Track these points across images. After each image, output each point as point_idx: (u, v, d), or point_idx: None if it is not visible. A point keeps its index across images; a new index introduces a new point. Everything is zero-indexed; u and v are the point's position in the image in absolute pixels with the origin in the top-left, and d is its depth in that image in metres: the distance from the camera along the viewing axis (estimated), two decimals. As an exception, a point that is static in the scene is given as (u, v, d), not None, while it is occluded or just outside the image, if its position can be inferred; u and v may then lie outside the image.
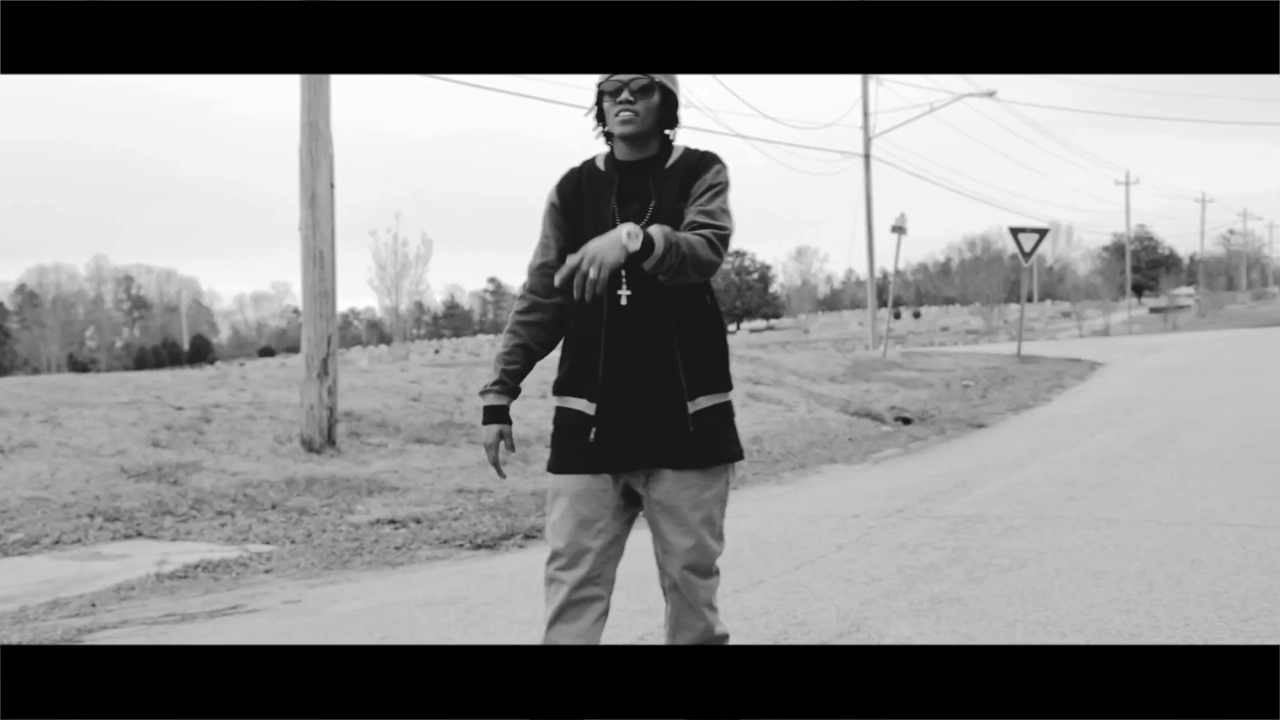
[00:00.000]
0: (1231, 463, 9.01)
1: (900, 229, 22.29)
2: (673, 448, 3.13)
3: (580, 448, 3.17)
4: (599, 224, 3.18)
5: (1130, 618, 4.69)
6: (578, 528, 3.16)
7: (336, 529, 7.90)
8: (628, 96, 3.17)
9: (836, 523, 7.31)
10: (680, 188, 3.21)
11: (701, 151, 3.31)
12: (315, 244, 10.61)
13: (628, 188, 3.23)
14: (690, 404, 3.15)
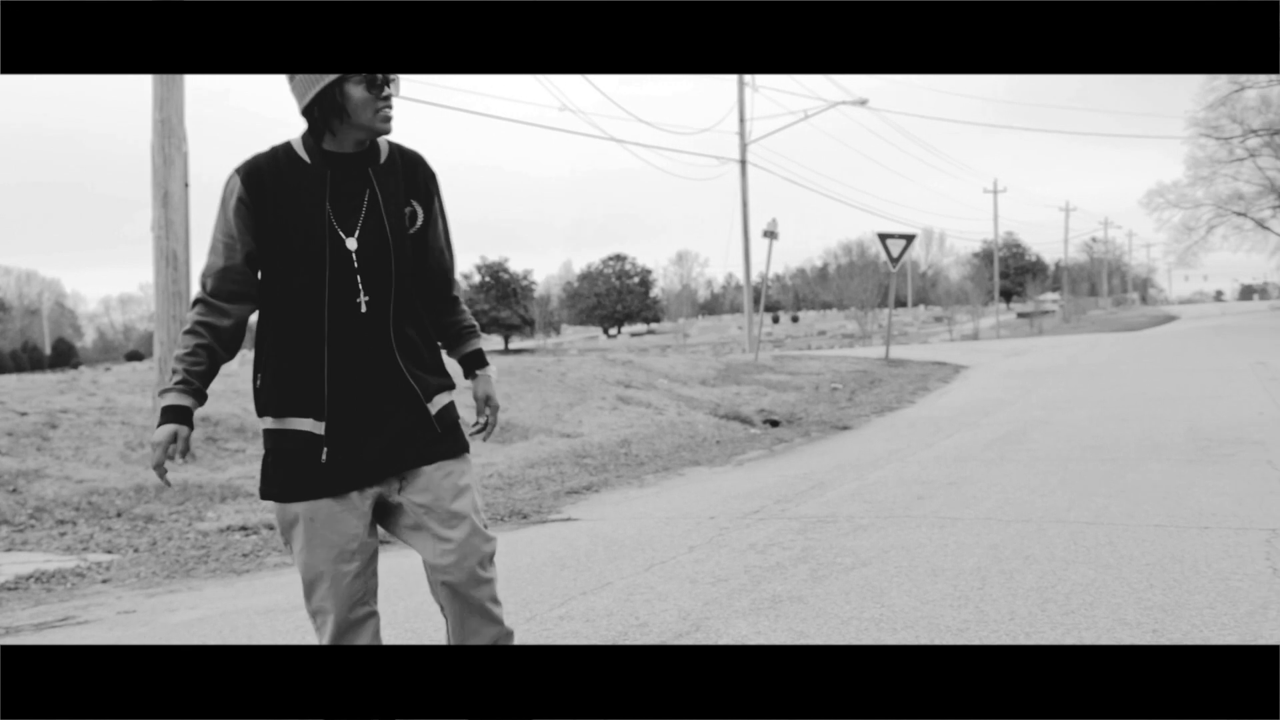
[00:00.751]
0: (1075, 461, 9.32)
1: (771, 234, 22.58)
2: (423, 446, 3.06)
3: (311, 471, 2.99)
4: (306, 225, 2.98)
5: (960, 613, 4.81)
6: (333, 557, 3.01)
7: (184, 536, 7.69)
8: (391, 92, 3.01)
9: (691, 524, 7.36)
10: (405, 190, 3.11)
11: (414, 152, 3.20)
12: (168, 244, 10.32)
13: (343, 186, 3.02)
14: (430, 405, 3.10)
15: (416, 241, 3.13)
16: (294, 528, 3.05)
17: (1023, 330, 66.38)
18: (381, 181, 3.07)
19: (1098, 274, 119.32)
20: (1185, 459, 9.21)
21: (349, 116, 2.98)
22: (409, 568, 5.55)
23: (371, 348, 3.03)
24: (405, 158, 3.16)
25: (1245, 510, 6.76)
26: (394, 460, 3.04)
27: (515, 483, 10.16)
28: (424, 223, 3.15)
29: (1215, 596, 4.87)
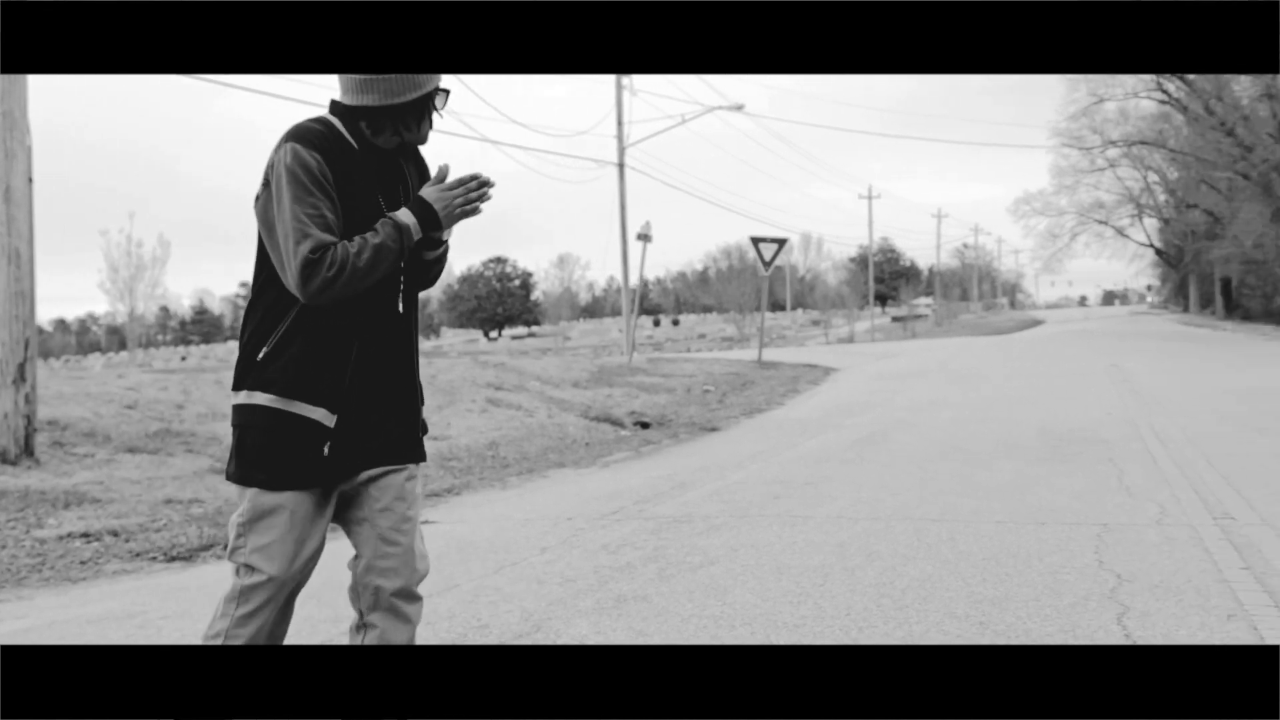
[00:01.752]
0: (932, 461, 9.54)
1: (645, 237, 22.68)
2: (406, 446, 3.01)
3: (309, 461, 2.86)
4: (364, 210, 2.86)
5: (799, 609, 4.87)
6: (297, 549, 2.90)
7: (19, 544, 7.38)
8: (438, 107, 2.95)
9: (548, 525, 7.33)
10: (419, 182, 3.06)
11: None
12: (10, 241, 9.91)
13: (387, 178, 2.96)
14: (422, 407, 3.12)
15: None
16: (271, 517, 2.87)
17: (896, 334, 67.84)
18: (412, 179, 3.04)
19: (969, 279, 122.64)
20: (1036, 458, 9.50)
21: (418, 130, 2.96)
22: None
23: (397, 348, 2.98)
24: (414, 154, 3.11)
25: (1082, 506, 7.00)
26: (381, 454, 2.95)
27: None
28: None
29: (1042, 589, 5.02)
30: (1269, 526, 6.20)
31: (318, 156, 2.80)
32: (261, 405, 2.87)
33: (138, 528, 7.90)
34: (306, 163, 2.79)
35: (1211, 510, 6.73)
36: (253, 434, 2.89)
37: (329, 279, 2.76)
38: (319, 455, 2.85)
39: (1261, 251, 44.33)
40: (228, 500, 9.01)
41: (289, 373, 2.85)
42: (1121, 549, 5.76)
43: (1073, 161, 56.36)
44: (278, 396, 2.85)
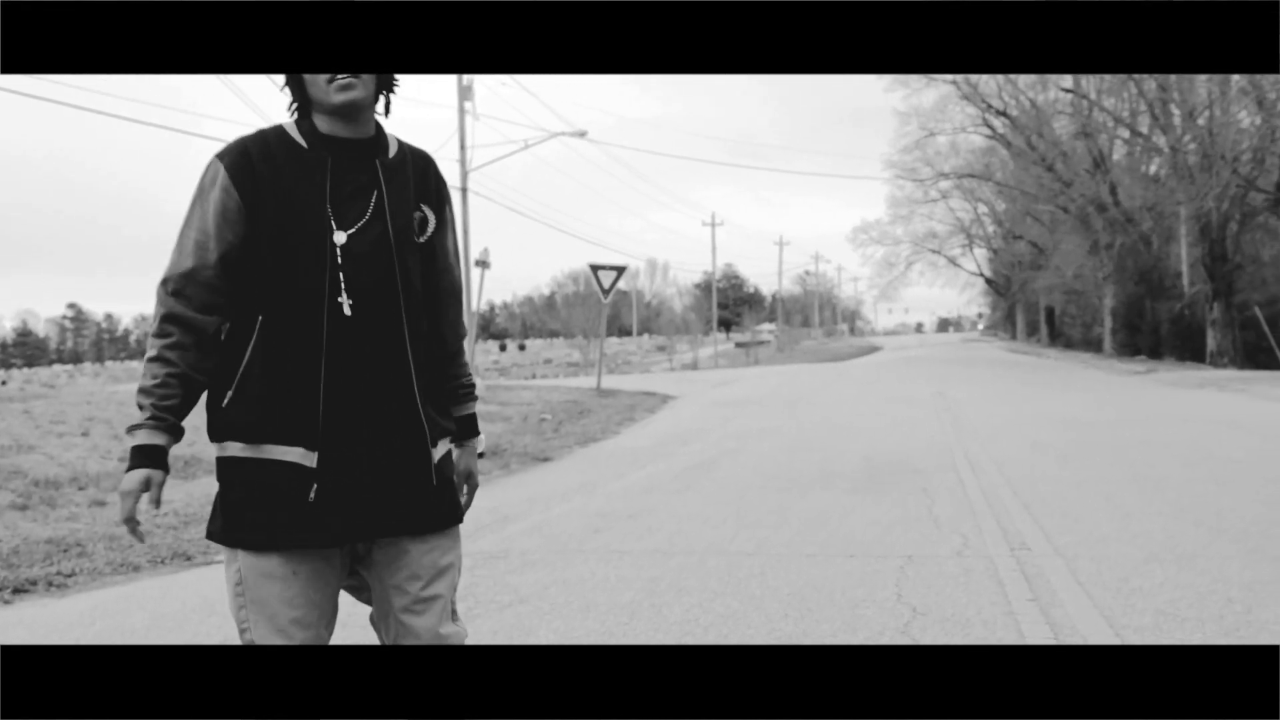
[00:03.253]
0: (754, 490, 9.68)
1: (483, 263, 22.55)
2: (417, 508, 2.61)
3: (296, 513, 2.49)
4: (301, 216, 2.53)
5: (601, 650, 4.87)
6: (306, 615, 2.56)
7: None
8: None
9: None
10: (416, 191, 2.70)
11: (421, 150, 2.79)
12: None
13: (346, 176, 2.58)
14: (434, 450, 2.65)
15: (425, 252, 2.71)
16: (265, 584, 2.53)
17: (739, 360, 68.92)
18: (389, 176, 2.64)
19: (810, 305, 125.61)
20: (853, 487, 9.73)
21: (317, 92, 2.58)
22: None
23: (376, 363, 2.55)
24: (416, 156, 2.74)
25: (891, 538, 7.19)
26: (385, 518, 2.57)
27: (191, 521, 9.65)
28: (435, 230, 2.74)
29: (840, 625, 5.13)
30: (1060, 556, 6.47)
31: (227, 178, 2.53)
32: (229, 456, 2.55)
33: (-79, 571, 7.46)
34: (212, 179, 2.55)
35: (1010, 540, 6.99)
36: (233, 489, 2.56)
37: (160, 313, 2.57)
38: (304, 502, 2.49)
39: (1081, 282, 46.57)
40: (26, 539, 8.57)
41: (251, 412, 2.51)
42: (921, 582, 5.93)
43: (907, 192, 58.40)
44: (244, 443, 2.52)
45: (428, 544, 2.63)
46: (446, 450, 2.73)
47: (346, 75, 2.54)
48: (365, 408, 2.53)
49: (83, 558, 7.81)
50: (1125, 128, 40.24)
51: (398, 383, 2.58)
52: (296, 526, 2.49)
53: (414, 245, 2.67)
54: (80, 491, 10.86)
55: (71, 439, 12.95)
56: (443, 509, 2.67)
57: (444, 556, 2.66)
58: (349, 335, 2.52)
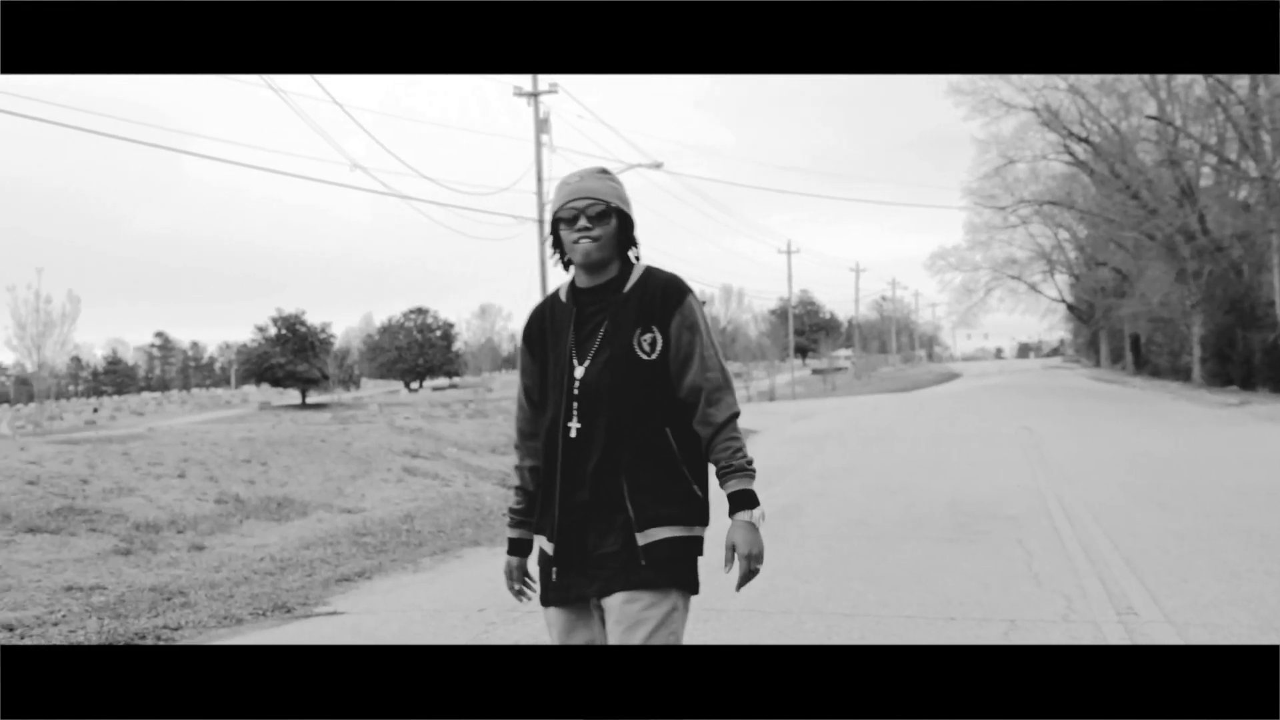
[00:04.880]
0: (841, 539, 9.60)
1: (565, 299, 22.71)
2: (621, 573, 3.12)
3: (546, 583, 3.28)
4: (559, 363, 3.23)
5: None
6: None
7: (-93, 643, 7.11)
8: (585, 224, 3.16)
9: (459, 619, 7.24)
10: (638, 314, 3.18)
11: (666, 277, 3.25)
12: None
13: (586, 317, 3.23)
14: (640, 535, 3.13)
15: (658, 367, 3.19)
16: (550, 630, 3.34)
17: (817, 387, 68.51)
18: (617, 310, 3.20)
19: (887, 331, 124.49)
20: (943, 536, 9.61)
21: (567, 253, 3.25)
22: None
23: (592, 473, 3.16)
24: (651, 283, 3.23)
25: (990, 598, 7.08)
26: (597, 587, 3.16)
27: (287, 566, 9.81)
28: (663, 347, 3.19)
29: (947, 700, 5.05)
30: (1170, 623, 6.32)
31: (522, 338, 3.40)
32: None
33: (34, 621, 7.66)
34: (519, 344, 3.47)
35: (1115, 604, 6.84)
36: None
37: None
38: (549, 579, 3.26)
39: (1168, 310, 45.60)
40: (131, 587, 8.77)
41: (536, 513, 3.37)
42: (1026, 649, 5.83)
43: (986, 218, 57.68)
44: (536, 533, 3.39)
45: (631, 597, 3.12)
46: (667, 536, 3.15)
47: (584, 237, 3.17)
48: (585, 510, 3.17)
49: (186, 608, 7.97)
50: (1213, 154, 39.44)
51: (610, 486, 3.15)
52: (548, 592, 3.29)
53: (640, 364, 3.18)
54: (179, 535, 11.09)
55: (169, 481, 13.23)
56: (651, 573, 3.12)
57: (647, 610, 3.11)
58: (575, 452, 3.18)
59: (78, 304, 51.64)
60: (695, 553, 3.22)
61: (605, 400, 3.15)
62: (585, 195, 3.19)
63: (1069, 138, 44.97)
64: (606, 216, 3.18)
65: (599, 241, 3.17)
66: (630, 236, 3.27)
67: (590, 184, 3.22)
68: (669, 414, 3.20)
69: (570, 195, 3.20)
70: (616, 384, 3.15)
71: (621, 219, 3.23)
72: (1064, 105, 43.16)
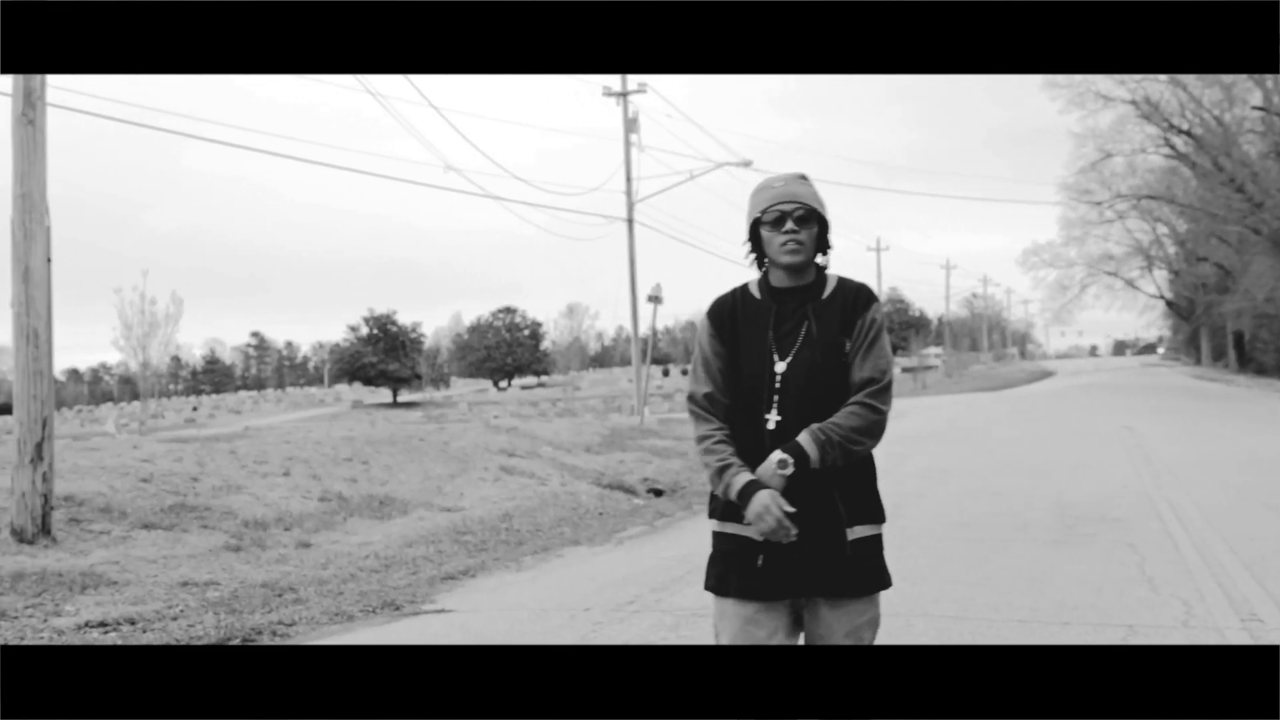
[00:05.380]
0: (945, 541, 9.49)
1: (656, 299, 22.78)
2: (831, 575, 3.22)
3: (746, 573, 3.28)
4: (756, 353, 3.35)
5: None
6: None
7: (38, 635, 7.37)
8: (792, 226, 3.30)
9: (566, 618, 7.30)
10: (841, 321, 3.32)
11: (857, 285, 3.41)
12: (29, 322, 9.98)
13: (785, 316, 3.35)
14: (849, 531, 3.24)
15: (845, 369, 3.33)
16: (723, 621, 3.36)
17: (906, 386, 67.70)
18: (821, 315, 3.33)
19: (978, 329, 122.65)
20: (1051, 539, 9.45)
21: (769, 253, 3.36)
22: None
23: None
24: (848, 291, 3.37)
25: (1104, 603, 6.95)
26: (806, 583, 3.23)
27: (392, 564, 9.98)
28: (852, 347, 3.34)
29: (1069, 706, 4.97)
30: (1296, 629, 6.15)
31: (710, 324, 3.46)
32: (716, 531, 3.44)
33: (154, 615, 7.88)
34: (703, 327, 3.49)
35: (1238, 609, 6.67)
36: (713, 553, 3.45)
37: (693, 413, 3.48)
38: (753, 566, 3.27)
39: (1273, 306, 44.30)
40: (243, 583, 8.99)
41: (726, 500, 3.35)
42: (1146, 656, 5.71)
43: (1081, 214, 56.58)
44: (717, 520, 3.42)
45: (841, 608, 3.25)
46: (871, 534, 3.30)
47: (792, 240, 3.30)
48: (791, 499, 3.20)
49: (298, 604, 8.14)
50: (1322, 145, 38.25)
51: (815, 480, 3.21)
52: (744, 583, 3.29)
53: (838, 366, 3.31)
54: (286, 532, 11.33)
55: (275, 479, 13.53)
56: (859, 579, 3.26)
57: (858, 618, 3.26)
58: (774, 444, 3.25)
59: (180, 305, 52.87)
60: (882, 548, 3.39)
61: (805, 397, 3.27)
62: (792, 199, 3.33)
63: (1169, 130, 43.93)
64: (810, 220, 3.33)
65: (804, 245, 3.32)
66: (826, 241, 3.40)
67: (795, 188, 3.36)
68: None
69: (776, 199, 3.34)
70: (816, 382, 3.28)
71: (821, 224, 3.37)
72: (1164, 97, 42.22)
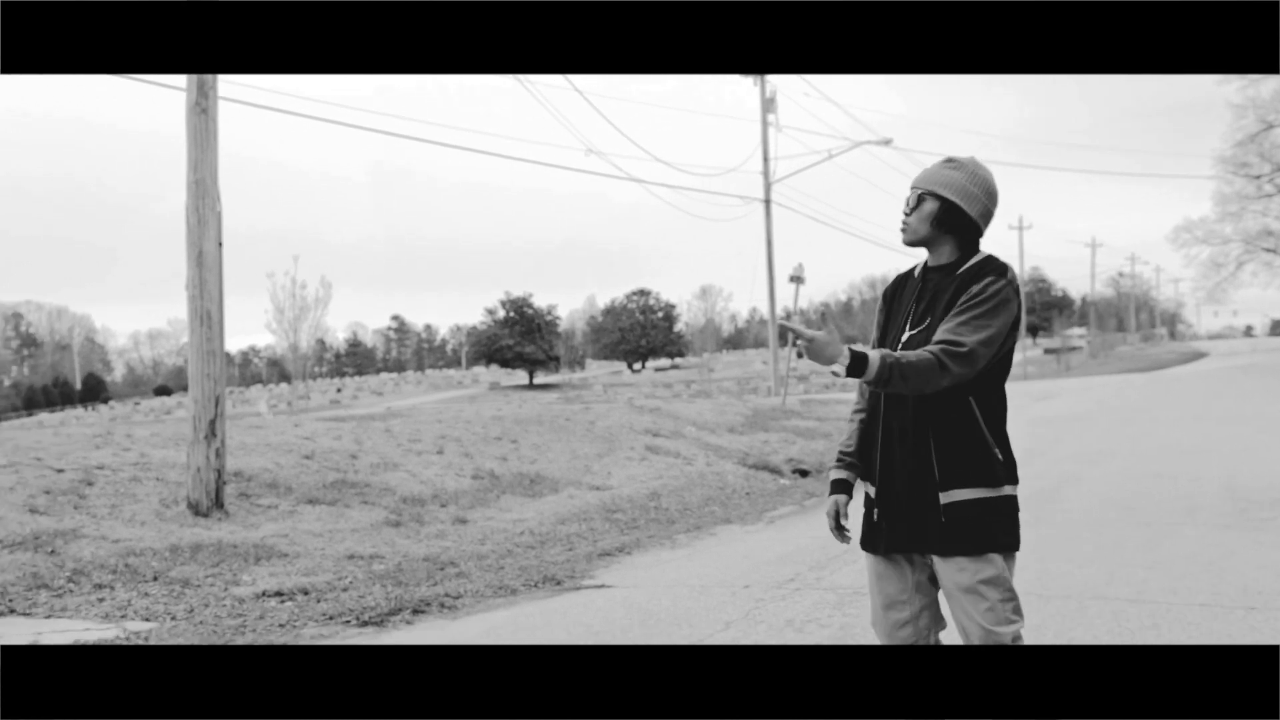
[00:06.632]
0: (1110, 525, 9.24)
1: (798, 279, 22.52)
2: (929, 534, 3.35)
3: (866, 528, 3.52)
4: (896, 324, 3.56)
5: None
6: (883, 608, 3.54)
7: (220, 603, 7.70)
8: (905, 209, 3.50)
9: (727, 595, 7.32)
10: (953, 296, 3.40)
11: (984, 261, 3.46)
12: (203, 304, 10.40)
13: (925, 290, 3.51)
14: (943, 494, 3.33)
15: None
16: (868, 576, 3.60)
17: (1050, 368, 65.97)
18: (946, 287, 3.44)
19: (1125, 309, 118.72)
20: (1223, 523, 9.12)
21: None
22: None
23: (907, 430, 3.39)
24: (972, 268, 3.43)
25: (1289, 587, 6.68)
26: (910, 539, 3.40)
27: (547, 541, 10.15)
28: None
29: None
30: None
31: (880, 297, 3.71)
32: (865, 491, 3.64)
33: (326, 586, 8.16)
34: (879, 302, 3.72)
35: None
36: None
37: None
38: (870, 521, 3.50)
39: None
40: (406, 556, 9.25)
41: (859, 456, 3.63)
42: (1341, 642, 5.48)
43: (1238, 188, 54.16)
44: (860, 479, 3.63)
45: (954, 565, 3.34)
46: (969, 497, 3.33)
47: (903, 222, 3.51)
48: (898, 459, 3.41)
49: (461, 578, 8.34)
50: None
51: (920, 445, 3.37)
52: (868, 538, 3.53)
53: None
54: (442, 509, 11.61)
55: (429, 457, 13.86)
56: (958, 539, 3.31)
57: (972, 577, 3.31)
58: (893, 409, 3.45)
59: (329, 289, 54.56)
60: (1002, 512, 3.36)
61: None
62: (913, 185, 3.53)
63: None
64: (921, 201, 3.48)
65: (909, 225, 3.50)
66: (952, 223, 3.46)
67: (922, 173, 3.54)
68: (974, 383, 3.36)
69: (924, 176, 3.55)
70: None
71: (943, 204, 3.45)
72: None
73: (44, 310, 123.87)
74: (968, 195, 3.44)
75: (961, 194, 3.44)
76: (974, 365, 3.26)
